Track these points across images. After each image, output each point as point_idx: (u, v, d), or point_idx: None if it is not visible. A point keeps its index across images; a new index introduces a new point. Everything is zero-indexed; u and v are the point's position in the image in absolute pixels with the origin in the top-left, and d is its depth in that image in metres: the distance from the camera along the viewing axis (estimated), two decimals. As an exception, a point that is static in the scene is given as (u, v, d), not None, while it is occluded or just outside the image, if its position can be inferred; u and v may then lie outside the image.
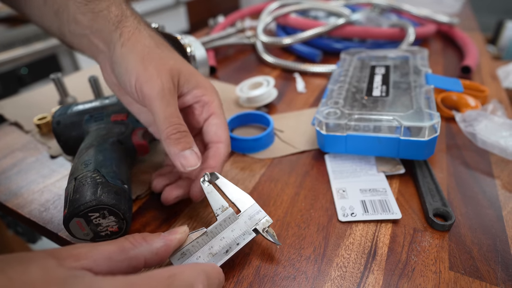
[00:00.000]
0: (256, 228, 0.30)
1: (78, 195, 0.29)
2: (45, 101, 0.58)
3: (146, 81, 0.30)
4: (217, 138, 0.34)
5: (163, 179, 0.35)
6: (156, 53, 0.31)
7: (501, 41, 1.61)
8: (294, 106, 0.56)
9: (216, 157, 0.34)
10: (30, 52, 1.29)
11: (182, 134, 0.30)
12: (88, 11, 0.31)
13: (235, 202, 0.31)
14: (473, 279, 0.29)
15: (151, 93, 0.30)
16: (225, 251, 0.28)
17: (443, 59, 0.73)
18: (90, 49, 0.33)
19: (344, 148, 0.41)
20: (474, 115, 0.45)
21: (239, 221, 0.30)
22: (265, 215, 0.30)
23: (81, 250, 0.21)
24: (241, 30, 0.87)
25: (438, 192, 0.36)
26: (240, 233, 0.29)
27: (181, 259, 0.27)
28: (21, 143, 0.49)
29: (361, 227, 0.34)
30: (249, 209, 0.30)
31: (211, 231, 0.29)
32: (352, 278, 0.29)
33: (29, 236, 0.61)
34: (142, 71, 0.30)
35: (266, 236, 0.30)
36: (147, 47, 0.31)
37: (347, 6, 0.90)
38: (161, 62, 0.31)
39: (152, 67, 0.30)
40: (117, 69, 0.31)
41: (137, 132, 0.40)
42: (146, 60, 0.30)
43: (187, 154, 0.30)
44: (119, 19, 0.31)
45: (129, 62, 0.30)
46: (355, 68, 0.53)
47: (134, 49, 0.31)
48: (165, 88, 0.30)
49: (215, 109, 0.34)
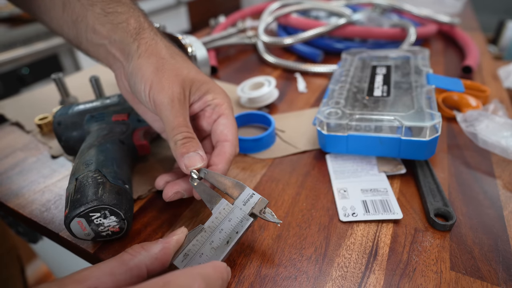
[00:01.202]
0: (253, 212, 0.29)
1: (79, 195, 0.30)
2: (46, 101, 0.58)
3: (159, 92, 0.32)
4: (223, 137, 0.35)
5: (166, 177, 0.35)
6: (171, 63, 0.33)
7: (502, 41, 1.61)
8: (295, 106, 0.56)
9: (220, 155, 0.34)
10: (31, 52, 1.30)
11: (189, 139, 0.31)
12: (107, 22, 0.33)
13: (227, 191, 0.30)
14: (474, 279, 0.29)
15: (162, 103, 0.32)
16: (225, 242, 0.28)
17: (444, 59, 0.73)
18: (107, 58, 0.35)
19: (345, 148, 0.41)
20: (475, 115, 0.45)
21: (234, 210, 0.29)
22: (259, 197, 0.30)
23: (83, 273, 0.22)
24: (242, 30, 0.87)
25: (439, 192, 0.36)
26: (238, 221, 0.29)
27: (185, 261, 0.27)
28: (22, 143, 0.49)
29: (362, 227, 0.34)
30: (241, 195, 0.30)
31: (208, 226, 0.29)
32: (353, 278, 0.29)
33: (30, 236, 0.61)
34: (156, 82, 0.32)
35: (265, 217, 0.29)
36: (162, 58, 0.33)
37: (348, 6, 0.89)
38: (174, 73, 0.33)
39: (165, 78, 0.32)
40: (133, 79, 0.33)
41: (138, 132, 0.40)
42: (160, 71, 0.32)
43: (191, 155, 0.31)
44: (137, 31, 0.33)
45: (144, 73, 0.32)
46: (356, 68, 0.53)
47: (150, 60, 0.32)
48: (175, 98, 0.32)
49: (224, 110, 0.35)
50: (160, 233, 0.34)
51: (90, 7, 0.33)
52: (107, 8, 0.34)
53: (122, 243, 0.33)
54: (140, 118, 0.40)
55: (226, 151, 0.34)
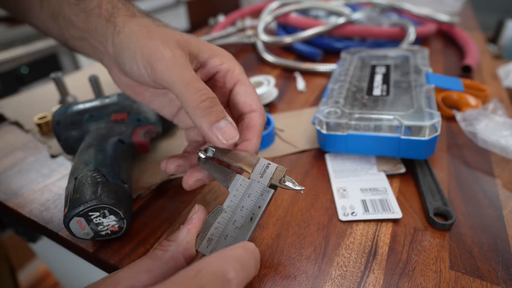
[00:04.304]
0: (272, 183, 0.27)
1: (78, 194, 0.29)
2: (46, 101, 0.58)
3: (154, 54, 0.26)
4: (249, 108, 0.30)
5: (176, 160, 0.32)
6: (158, 30, 0.28)
7: (502, 40, 1.61)
8: (295, 106, 0.56)
9: (252, 129, 0.30)
10: (31, 51, 1.29)
11: (213, 101, 0.26)
12: (80, 11, 0.29)
13: (240, 166, 0.28)
14: (474, 278, 0.29)
15: (162, 64, 0.26)
16: (249, 220, 0.26)
17: (443, 58, 0.73)
18: (94, 52, 0.31)
19: (344, 147, 0.41)
20: (474, 114, 0.44)
21: (252, 184, 0.27)
22: (276, 166, 0.28)
23: (116, 275, 0.22)
24: (242, 29, 0.87)
25: (438, 192, 0.36)
26: (258, 195, 0.27)
27: (210, 246, 0.25)
28: (21, 143, 0.49)
29: (361, 227, 0.34)
30: (257, 167, 0.28)
31: (228, 206, 0.27)
32: (352, 277, 0.29)
33: (29, 235, 0.61)
34: (147, 47, 0.27)
35: (286, 186, 0.27)
36: (146, 27, 0.28)
37: (348, 5, 0.89)
38: (165, 36, 0.28)
39: (156, 40, 0.27)
40: (121, 58, 0.28)
41: (138, 131, 0.40)
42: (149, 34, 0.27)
43: (223, 125, 0.26)
44: (110, 13, 0.29)
45: (130, 43, 0.27)
46: (355, 67, 0.53)
47: (132, 31, 0.28)
48: (176, 55, 0.27)
49: (239, 76, 0.30)
50: (159, 232, 0.34)
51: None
52: None
53: (121, 242, 0.33)
54: (140, 117, 0.40)
55: (256, 122, 0.30)
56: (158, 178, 0.40)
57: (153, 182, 0.39)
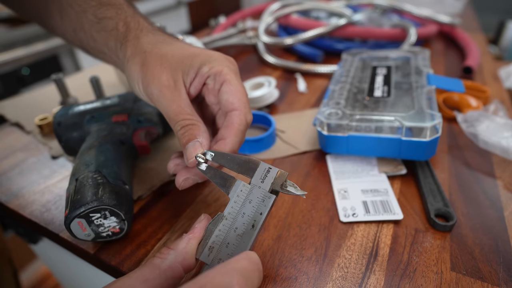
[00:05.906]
0: (273, 188, 0.26)
1: (79, 195, 0.29)
2: (46, 102, 0.58)
3: (147, 86, 0.31)
4: (230, 106, 0.31)
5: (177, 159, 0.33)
6: (153, 54, 0.32)
7: (503, 41, 1.61)
8: (296, 107, 0.56)
9: (228, 127, 0.30)
10: (32, 52, 1.30)
11: (187, 127, 0.30)
12: (101, 29, 0.34)
13: (240, 170, 0.27)
14: (475, 279, 0.29)
15: (153, 96, 0.31)
16: (251, 227, 0.25)
17: (444, 60, 0.73)
18: (116, 63, 0.36)
19: (345, 148, 0.41)
20: (475, 115, 0.44)
21: (252, 189, 0.27)
22: (277, 170, 0.27)
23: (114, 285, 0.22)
24: (243, 31, 0.87)
25: (439, 193, 0.36)
26: (259, 201, 0.26)
27: (211, 254, 0.25)
28: (22, 144, 0.49)
29: (362, 228, 0.34)
30: (257, 172, 0.27)
31: (229, 213, 0.26)
32: (353, 278, 0.29)
33: (30, 236, 0.61)
34: (142, 78, 0.31)
35: (288, 192, 0.26)
36: (144, 53, 0.32)
37: (349, 6, 0.89)
38: (158, 63, 0.31)
39: (150, 71, 0.31)
40: (130, 83, 0.34)
41: (139, 133, 0.40)
42: (144, 66, 0.32)
43: (189, 146, 0.29)
44: (124, 35, 0.33)
45: (133, 74, 0.32)
46: (356, 68, 0.53)
47: (135, 61, 0.32)
48: (163, 88, 0.31)
49: (225, 76, 0.31)
50: (160, 234, 0.34)
51: (83, 14, 0.34)
52: (98, 13, 0.34)
53: (122, 244, 0.33)
54: (141, 119, 0.40)
55: (234, 121, 0.30)
56: (159, 179, 0.40)
57: (154, 183, 0.39)
